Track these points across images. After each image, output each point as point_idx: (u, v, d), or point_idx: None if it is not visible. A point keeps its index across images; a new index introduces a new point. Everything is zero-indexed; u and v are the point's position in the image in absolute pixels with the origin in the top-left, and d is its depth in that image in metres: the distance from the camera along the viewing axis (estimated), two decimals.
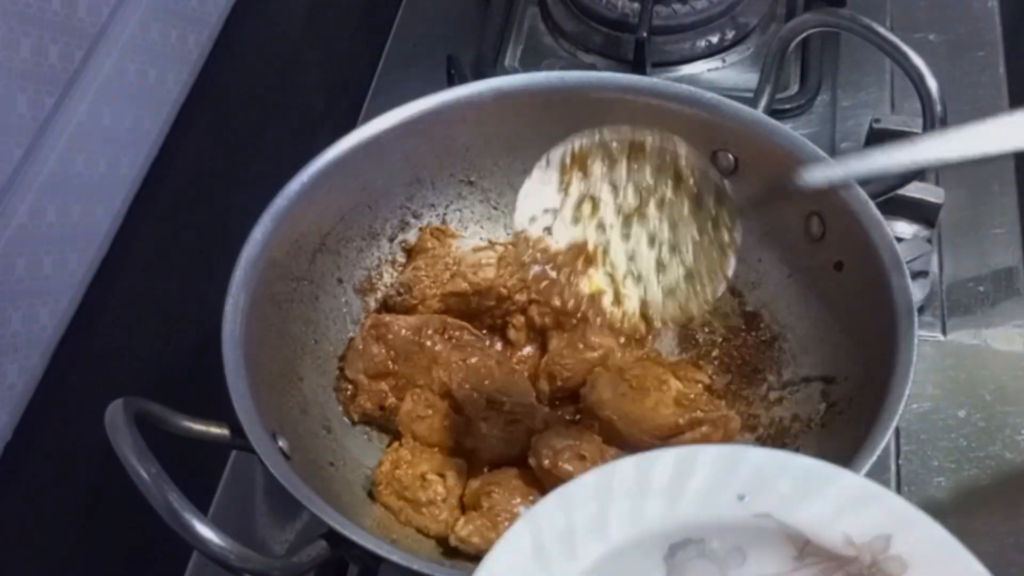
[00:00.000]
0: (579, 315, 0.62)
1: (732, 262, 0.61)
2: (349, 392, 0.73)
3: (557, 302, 0.62)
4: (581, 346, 0.74)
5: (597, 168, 0.62)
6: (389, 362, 0.72)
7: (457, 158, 0.78)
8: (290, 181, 0.70)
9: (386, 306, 0.77)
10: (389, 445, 0.72)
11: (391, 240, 0.78)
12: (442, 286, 0.75)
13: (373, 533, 0.58)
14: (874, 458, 0.57)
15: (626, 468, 0.51)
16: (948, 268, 0.84)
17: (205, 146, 0.78)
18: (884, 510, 0.50)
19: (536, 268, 0.62)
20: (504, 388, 0.71)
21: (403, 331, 0.73)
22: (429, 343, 0.72)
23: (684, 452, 0.52)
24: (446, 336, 0.73)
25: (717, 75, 0.97)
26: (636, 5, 0.96)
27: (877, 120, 0.87)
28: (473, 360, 0.72)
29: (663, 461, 0.51)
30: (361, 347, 0.73)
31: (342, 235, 0.75)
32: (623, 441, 0.69)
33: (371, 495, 0.69)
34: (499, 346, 0.76)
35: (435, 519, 0.67)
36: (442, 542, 0.67)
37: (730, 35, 0.98)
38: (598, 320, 0.62)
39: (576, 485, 0.51)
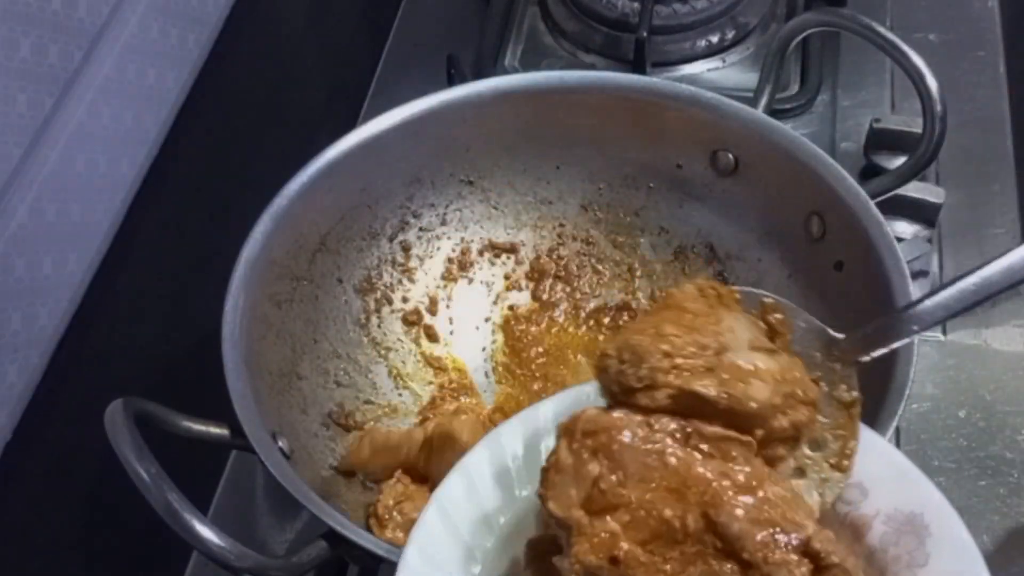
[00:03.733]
0: None
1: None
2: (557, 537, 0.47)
3: None
4: None
5: None
6: (618, 487, 0.45)
7: (457, 158, 0.78)
8: (290, 181, 0.70)
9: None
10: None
11: (391, 240, 0.78)
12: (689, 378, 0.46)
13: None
14: None
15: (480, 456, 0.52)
16: (948, 268, 0.84)
17: (205, 146, 0.78)
18: None
19: None
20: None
21: (631, 437, 0.46)
22: (671, 454, 0.46)
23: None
24: (690, 446, 0.46)
25: (717, 75, 0.97)
26: (636, 5, 0.96)
27: (877, 120, 0.87)
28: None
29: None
30: (571, 462, 0.46)
31: (342, 235, 0.75)
32: None
33: (368, 527, 0.66)
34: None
35: None
36: None
37: (730, 35, 0.98)
38: None
39: (446, 489, 0.51)
